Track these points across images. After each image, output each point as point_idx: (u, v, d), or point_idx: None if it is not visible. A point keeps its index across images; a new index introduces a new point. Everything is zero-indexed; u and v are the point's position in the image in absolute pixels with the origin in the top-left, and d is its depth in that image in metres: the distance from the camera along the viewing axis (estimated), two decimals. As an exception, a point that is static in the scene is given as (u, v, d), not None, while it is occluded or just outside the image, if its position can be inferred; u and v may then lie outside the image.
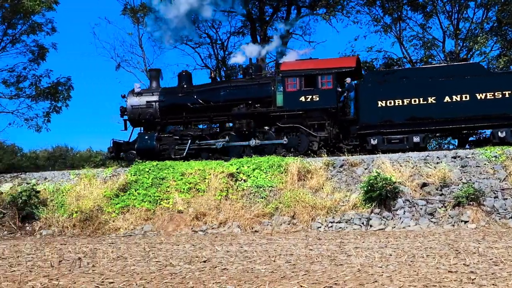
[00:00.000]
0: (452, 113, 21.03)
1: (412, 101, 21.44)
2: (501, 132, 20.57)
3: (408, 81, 21.81)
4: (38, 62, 35.66)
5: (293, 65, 23.33)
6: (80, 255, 12.81)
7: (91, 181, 20.47)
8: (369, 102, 21.95)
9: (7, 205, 19.99)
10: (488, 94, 20.70)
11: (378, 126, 21.83)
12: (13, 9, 30.72)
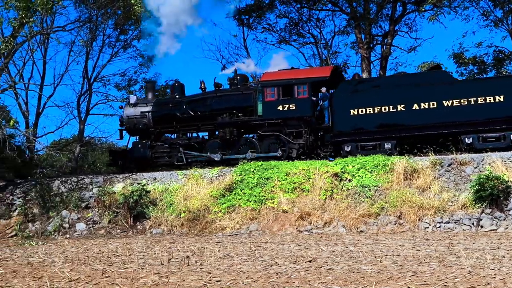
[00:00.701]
0: (421, 120, 21.43)
1: (382, 109, 21.96)
2: (468, 138, 20.91)
3: (378, 90, 22.29)
4: (147, 66, 36.96)
5: (272, 76, 23.97)
6: (188, 253, 13.12)
7: (198, 181, 20.94)
8: (342, 111, 22.56)
9: (119, 204, 20.78)
10: (454, 101, 21.12)
11: (351, 134, 22.42)
12: (125, 16, 31.97)
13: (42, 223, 21.28)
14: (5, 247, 17.12)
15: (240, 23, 37.40)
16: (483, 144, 20.63)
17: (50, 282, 9.55)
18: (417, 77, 22.92)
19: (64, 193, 22.44)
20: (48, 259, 13.11)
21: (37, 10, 21.36)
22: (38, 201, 22.12)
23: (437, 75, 22.66)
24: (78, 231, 20.55)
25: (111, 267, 11.31)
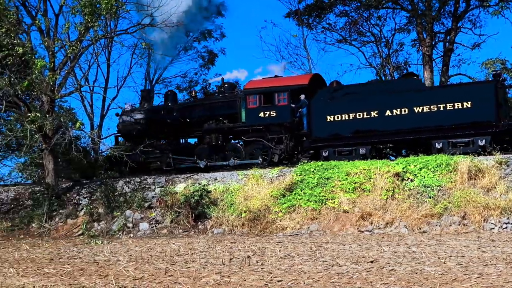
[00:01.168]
0: (394, 126, 21.96)
1: (356, 115, 22.54)
2: (438, 144, 21.33)
3: (353, 97, 22.91)
4: (208, 67, 37.39)
5: (255, 84, 25.11)
6: (249, 253, 13.20)
7: (259, 181, 21.02)
8: (320, 117, 23.18)
9: (181, 204, 21.04)
10: (424, 107, 21.62)
11: (328, 140, 23.06)
12: (186, 18, 32.39)
13: (107, 222, 21.79)
14: (73, 245, 17.62)
15: (300, 23, 37.32)
16: (452, 149, 20.95)
17: (116, 280, 9.78)
18: (389, 85, 23.74)
19: (127, 193, 22.92)
20: (113, 258, 13.43)
21: (101, 14, 21.88)
22: (103, 201, 22.66)
23: (408, 82, 23.41)
24: (141, 231, 20.94)
25: (174, 266, 11.50)
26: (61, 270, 11.63)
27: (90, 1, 21.30)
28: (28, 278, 10.76)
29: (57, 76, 23.55)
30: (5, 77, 22.69)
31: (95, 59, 29.35)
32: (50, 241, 19.63)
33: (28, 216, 23.27)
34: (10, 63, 22.71)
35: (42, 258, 14.28)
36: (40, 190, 24.16)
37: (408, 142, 22.69)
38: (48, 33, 23.73)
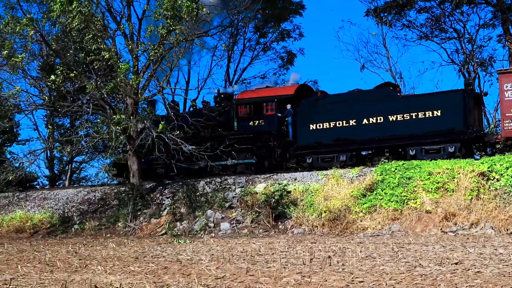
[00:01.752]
0: (370, 134, 22.99)
1: (336, 124, 23.67)
2: (411, 151, 22.15)
3: (333, 106, 24.05)
4: (287, 68, 37.45)
5: (246, 94, 26.68)
6: (330, 253, 13.14)
7: (339, 181, 20.89)
8: (303, 126, 24.37)
9: (261, 204, 21.19)
10: (398, 116, 22.56)
11: (311, 147, 24.14)
12: (264, 19, 32.63)
13: (189, 222, 22.20)
14: (156, 244, 18.04)
15: (379, 21, 36.80)
16: (425, 156, 21.65)
17: (198, 279, 9.94)
18: (366, 94, 24.21)
19: (208, 193, 23.27)
20: (196, 257, 13.66)
21: (182, 17, 22.32)
22: (185, 201, 23.10)
23: (383, 91, 24.10)
24: (222, 230, 21.22)
25: (255, 265, 11.58)
26: (145, 268, 11.93)
27: (172, 5, 21.77)
28: (115, 275, 11.10)
29: (141, 79, 24.20)
30: (92, 81, 23.52)
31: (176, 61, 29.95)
32: (135, 240, 20.18)
33: (114, 215, 24.02)
34: (97, 67, 23.52)
35: (128, 256, 14.68)
36: (125, 190, 24.90)
37: (385, 149, 23.49)
38: (132, 37, 24.42)
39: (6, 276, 11.65)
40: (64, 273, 11.82)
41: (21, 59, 22.85)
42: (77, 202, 26.65)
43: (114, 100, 28.77)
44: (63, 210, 26.17)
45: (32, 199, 28.13)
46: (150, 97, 26.11)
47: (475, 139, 22.30)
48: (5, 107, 26.09)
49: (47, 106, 26.49)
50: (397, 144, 22.83)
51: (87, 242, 20.18)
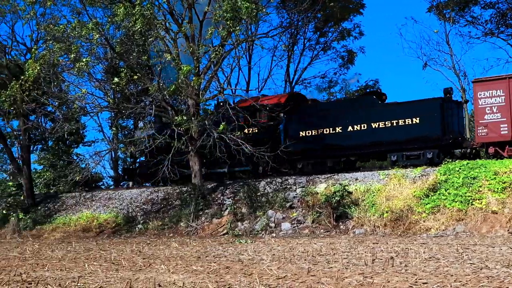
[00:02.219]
0: (355, 140, 23.98)
1: (324, 131, 24.71)
2: (393, 156, 23.21)
3: (321, 113, 25.23)
4: (347, 67, 37.19)
5: (242, 103, 26.93)
6: (392, 254, 12.98)
7: (401, 181, 20.61)
8: (294, 133, 25.53)
9: (322, 204, 21.12)
10: (380, 123, 23.49)
11: (301, 153, 25.18)
12: (324, 18, 32.49)
13: (250, 222, 22.32)
14: (218, 244, 18.22)
15: (441, 17, 36.08)
16: (406, 161, 22.78)
17: (260, 279, 9.99)
18: (351, 102, 25.70)
19: (269, 194, 23.33)
20: (257, 257, 13.72)
21: (242, 18, 22.46)
22: (246, 201, 23.23)
23: (366, 100, 25.29)
24: (283, 230, 21.24)
25: (316, 266, 11.55)
26: (208, 268, 12.07)
27: (232, 6, 21.93)
28: (178, 274, 11.26)
29: (202, 80, 24.47)
30: (154, 83, 23.92)
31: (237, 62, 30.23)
32: (197, 240, 20.43)
33: (177, 215, 24.37)
34: (160, 69, 23.93)
35: (190, 256, 14.88)
36: (187, 190, 25.22)
37: (369, 155, 24.90)
38: (193, 39, 24.70)
39: (74, 274, 12.00)
40: (128, 271, 12.09)
41: (86, 62, 23.45)
42: (140, 202, 27.16)
43: (175, 102, 29.20)
44: (127, 210, 26.72)
45: (97, 199, 28.85)
46: (211, 98, 26.40)
47: (454, 145, 22.98)
48: (72, 109, 26.84)
49: (112, 108, 27.10)
50: (380, 150, 23.77)
51: (151, 242, 20.55)
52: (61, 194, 31.30)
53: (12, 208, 29.29)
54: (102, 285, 10.36)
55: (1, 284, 10.93)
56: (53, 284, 10.58)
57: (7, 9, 27.62)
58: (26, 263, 14.93)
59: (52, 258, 15.94)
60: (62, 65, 26.81)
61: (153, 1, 22.94)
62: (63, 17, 24.62)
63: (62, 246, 20.48)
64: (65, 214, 28.34)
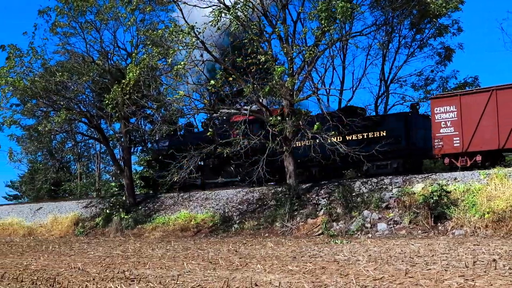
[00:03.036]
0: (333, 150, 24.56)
1: (307, 142, 25.50)
2: (365, 166, 24.92)
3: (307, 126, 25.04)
4: (445, 64, 36.12)
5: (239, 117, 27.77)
6: (494, 256, 12.55)
7: (503, 181, 19.86)
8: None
9: (419, 205, 20.67)
10: (353, 136, 25.78)
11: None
12: (420, 14, 31.77)
13: (345, 222, 22.16)
14: (313, 244, 18.21)
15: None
16: (376, 170, 25.09)
17: (356, 280, 9.93)
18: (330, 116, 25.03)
19: (364, 194, 23.08)
20: (353, 258, 13.63)
21: (336, 18, 22.35)
22: (341, 202, 23.07)
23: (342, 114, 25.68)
24: (379, 231, 20.95)
25: (414, 267, 11.35)
26: (303, 268, 12.10)
27: (326, 6, 21.85)
28: (274, 274, 11.36)
29: (295, 80, 24.53)
30: (249, 84, 24.20)
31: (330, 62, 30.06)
32: (292, 240, 20.50)
33: (272, 215, 24.53)
34: (254, 70, 24.19)
35: (286, 256, 14.96)
36: (282, 191, 25.35)
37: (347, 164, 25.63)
38: (287, 40, 24.81)
39: (174, 272, 12.35)
40: (226, 271, 12.31)
41: (183, 65, 24.05)
42: (236, 202, 27.54)
43: (270, 102, 29.44)
44: (223, 210, 27.15)
45: (195, 199, 29.49)
46: (305, 98, 26.39)
47: (419, 156, 25.82)
48: (170, 111, 27.59)
49: (208, 109, 27.61)
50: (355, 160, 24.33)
51: (247, 241, 20.81)
52: (160, 195, 32.22)
53: (115, 208, 30.42)
54: (200, 283, 10.60)
55: (106, 280, 11.42)
56: (154, 282, 10.93)
57: (109, 17, 28.69)
58: (129, 261, 15.51)
59: (153, 256, 16.47)
60: (160, 68, 27.66)
61: (247, 3, 23.19)
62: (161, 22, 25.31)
63: (162, 245, 21.09)
64: (164, 214, 29.15)
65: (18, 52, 28.67)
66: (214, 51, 25.56)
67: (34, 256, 17.94)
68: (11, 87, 28.46)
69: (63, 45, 30.52)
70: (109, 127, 34.67)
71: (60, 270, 13.66)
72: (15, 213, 37.23)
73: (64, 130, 34.98)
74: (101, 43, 29.83)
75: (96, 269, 13.55)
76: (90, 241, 25.72)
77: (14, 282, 11.58)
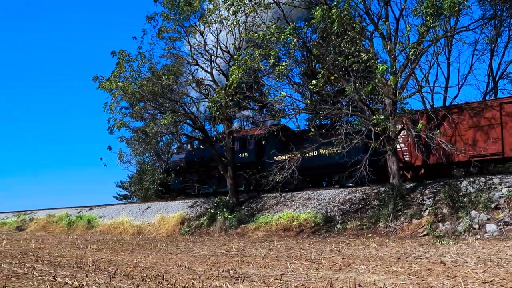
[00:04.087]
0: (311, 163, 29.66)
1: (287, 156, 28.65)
2: (336, 176, 29.62)
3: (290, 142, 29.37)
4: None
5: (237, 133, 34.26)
6: None
7: None
8: (271, 157, 30.37)
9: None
10: (325, 151, 29.00)
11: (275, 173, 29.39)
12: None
13: (451, 223, 21.54)
14: (418, 245, 17.83)
15: None
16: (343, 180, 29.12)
17: (464, 282, 9.66)
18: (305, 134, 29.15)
19: (472, 194, 22.34)
20: (460, 259, 13.25)
21: (442, 13, 21.77)
22: (447, 202, 22.44)
23: None
24: (488, 232, 20.21)
25: (527, 271, 10.90)
26: (408, 269, 11.89)
27: (432, 2, 21.31)
28: (378, 275, 11.24)
29: (399, 78, 24.12)
30: (351, 83, 24.03)
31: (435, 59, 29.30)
32: (396, 240, 20.16)
33: (375, 215, 24.23)
34: (355, 69, 24.00)
35: (390, 256, 14.75)
36: (385, 190, 24.99)
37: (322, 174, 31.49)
38: (389, 37, 24.44)
39: (277, 271, 12.48)
40: (328, 271, 12.30)
41: (285, 66, 24.20)
42: (338, 202, 27.41)
43: (372, 101, 29.10)
44: (325, 210, 27.10)
45: (297, 199, 29.61)
46: (409, 96, 25.89)
47: None
48: (272, 112, 27.86)
49: (309, 109, 27.64)
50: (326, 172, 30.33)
51: (349, 242, 20.67)
52: (263, 194, 32.57)
53: (219, 207, 31.02)
54: (303, 283, 10.66)
55: (211, 278, 11.70)
56: (257, 281, 11.09)
57: (213, 20, 29.32)
58: (233, 260, 15.79)
59: (256, 255, 16.68)
60: (262, 70, 27.96)
61: (349, 2, 23.03)
62: (263, 24, 25.54)
63: (265, 244, 21.32)
64: (266, 214, 29.44)
65: (127, 58, 29.85)
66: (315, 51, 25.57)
67: (143, 254, 18.61)
68: (121, 91, 29.68)
69: (169, 49, 31.44)
70: (213, 128, 35.40)
71: (168, 268, 14.11)
72: (125, 212, 38.77)
73: (170, 132, 36.05)
74: (204, 46, 30.51)
75: (201, 268, 13.90)
76: (196, 240, 26.37)
77: (126, 278, 12.07)
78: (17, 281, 12.04)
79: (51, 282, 11.68)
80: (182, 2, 28.20)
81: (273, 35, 23.88)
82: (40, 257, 18.04)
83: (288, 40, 23.79)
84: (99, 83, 29.99)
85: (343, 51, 24.93)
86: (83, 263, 15.49)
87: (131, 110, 33.21)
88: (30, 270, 13.83)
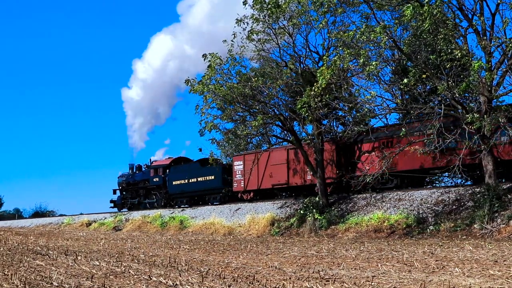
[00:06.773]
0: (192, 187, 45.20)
1: (183, 181, 45.78)
2: (207, 197, 45.07)
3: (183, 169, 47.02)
4: None
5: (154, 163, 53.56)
6: None
7: None
8: (171, 182, 47.65)
9: None
10: (199, 178, 44.18)
11: (175, 195, 47.83)
12: None
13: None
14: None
15: None
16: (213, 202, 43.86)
17: None
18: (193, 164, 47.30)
19: None
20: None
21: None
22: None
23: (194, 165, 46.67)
24: None
25: None
26: (506, 272, 11.48)
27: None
28: (474, 278, 10.91)
29: (494, 75, 23.31)
30: (443, 81, 23.43)
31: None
32: (493, 243, 19.49)
33: (470, 217, 23.52)
34: (448, 67, 23.37)
35: (486, 259, 14.28)
36: (480, 191, 24.20)
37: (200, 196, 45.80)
38: (484, 33, 23.68)
39: (368, 273, 12.35)
40: (421, 273, 12.06)
41: (375, 66, 23.89)
42: (431, 203, 26.79)
43: (465, 100, 28.24)
44: (417, 211, 26.54)
45: (387, 200, 29.15)
46: (505, 93, 24.94)
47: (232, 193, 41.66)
48: (361, 112, 27.56)
49: (400, 109, 27.16)
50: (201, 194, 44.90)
51: (443, 243, 20.16)
52: (353, 195, 32.28)
53: (309, 208, 30.96)
54: (395, 285, 10.50)
55: (302, 279, 11.71)
56: (348, 282, 11.01)
57: (301, 21, 29.34)
58: (323, 261, 15.74)
59: (346, 257, 16.56)
60: (352, 70, 27.71)
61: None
62: (352, 23, 25.32)
63: (355, 245, 21.12)
64: (357, 215, 29.14)
65: (218, 61, 30.32)
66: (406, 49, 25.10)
67: (234, 255, 18.84)
68: (212, 94, 30.20)
69: (258, 51, 31.70)
70: (302, 129, 35.38)
71: (258, 268, 14.23)
72: (216, 213, 39.41)
73: (260, 133, 36.32)
74: (293, 47, 30.56)
75: (291, 268, 13.94)
76: (285, 241, 26.45)
77: (217, 278, 12.26)
78: (115, 279, 12.48)
79: (146, 280, 12.03)
80: (271, 4, 28.34)
81: (362, 35, 23.64)
82: (135, 257, 18.62)
83: (378, 39, 23.48)
84: (191, 87, 30.63)
85: (435, 49, 24.36)
86: (176, 263, 15.86)
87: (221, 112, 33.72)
88: (127, 269, 14.29)
